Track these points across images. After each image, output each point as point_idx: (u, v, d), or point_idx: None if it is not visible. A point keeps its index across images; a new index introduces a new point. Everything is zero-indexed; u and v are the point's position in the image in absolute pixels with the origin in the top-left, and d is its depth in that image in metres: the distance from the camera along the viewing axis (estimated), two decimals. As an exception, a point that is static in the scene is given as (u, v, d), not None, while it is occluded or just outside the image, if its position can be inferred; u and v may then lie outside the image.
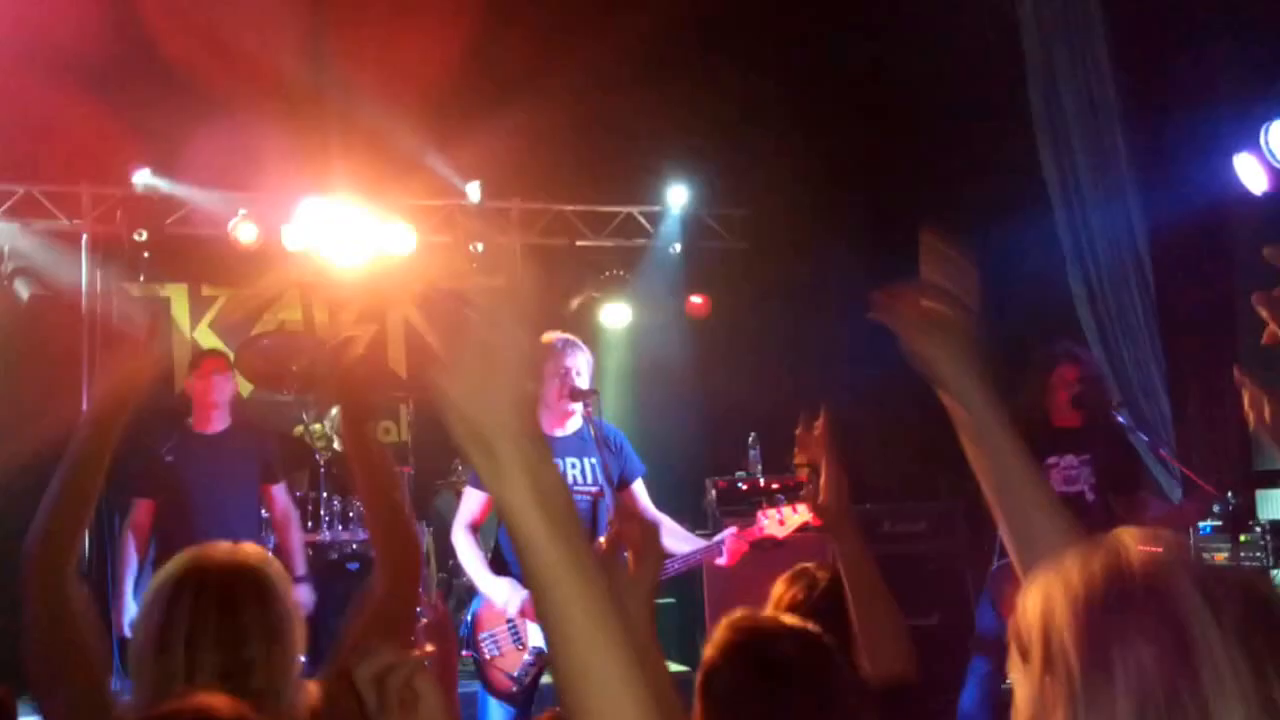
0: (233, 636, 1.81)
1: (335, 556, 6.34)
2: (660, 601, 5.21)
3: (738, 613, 1.93)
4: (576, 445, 4.52)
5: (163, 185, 7.28)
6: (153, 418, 6.84)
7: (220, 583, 1.85)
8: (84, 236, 7.50)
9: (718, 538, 4.38)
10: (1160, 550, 1.04)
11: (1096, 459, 4.70)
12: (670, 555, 4.37)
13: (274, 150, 7.05)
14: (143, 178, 7.20)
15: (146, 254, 7.34)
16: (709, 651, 1.88)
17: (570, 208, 8.10)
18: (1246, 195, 5.65)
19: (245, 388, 7.24)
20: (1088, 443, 4.71)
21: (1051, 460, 4.69)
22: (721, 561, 4.36)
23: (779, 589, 2.52)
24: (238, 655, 1.80)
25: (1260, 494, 5.03)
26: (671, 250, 8.04)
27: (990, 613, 4.81)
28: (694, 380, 8.05)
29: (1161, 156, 6.08)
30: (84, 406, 6.27)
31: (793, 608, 2.37)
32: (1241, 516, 4.91)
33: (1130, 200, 6.20)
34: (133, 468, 5.18)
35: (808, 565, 2.57)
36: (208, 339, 7.93)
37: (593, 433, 4.45)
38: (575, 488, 4.48)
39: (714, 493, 6.52)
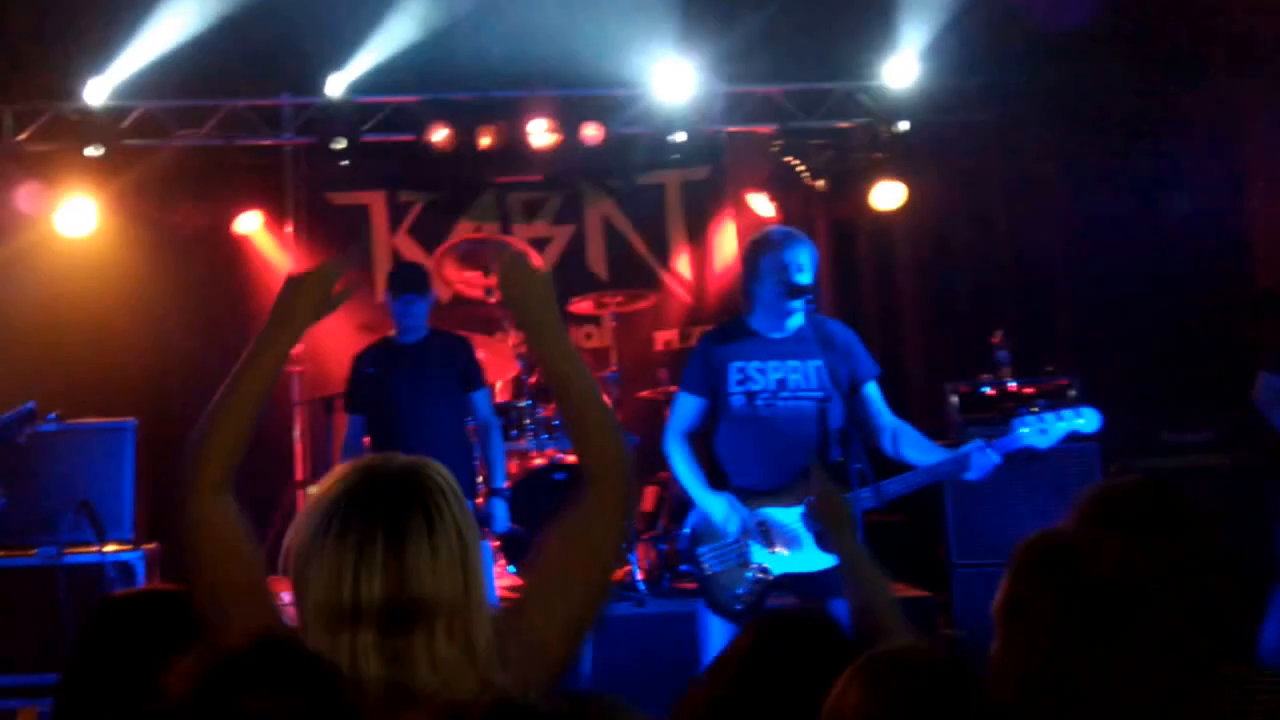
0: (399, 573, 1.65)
1: (540, 465, 6.24)
2: (889, 520, 4.66)
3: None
4: (797, 347, 4.06)
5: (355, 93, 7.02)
6: (356, 331, 6.78)
7: (389, 510, 1.68)
8: (285, 149, 7.58)
9: (963, 449, 3.85)
10: None
11: None
12: (910, 469, 3.95)
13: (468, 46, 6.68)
14: (336, 86, 6.94)
15: (344, 162, 7.15)
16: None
17: (777, 88, 7.28)
18: None
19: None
20: None
21: None
22: (971, 476, 3.82)
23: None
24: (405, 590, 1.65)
25: None
26: (897, 129, 7.08)
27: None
28: (929, 274, 7.27)
29: None
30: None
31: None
32: None
33: None
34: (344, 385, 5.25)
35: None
36: (407, 246, 7.95)
37: (815, 333, 3.99)
38: (798, 393, 4.03)
39: (955, 399, 5.84)
